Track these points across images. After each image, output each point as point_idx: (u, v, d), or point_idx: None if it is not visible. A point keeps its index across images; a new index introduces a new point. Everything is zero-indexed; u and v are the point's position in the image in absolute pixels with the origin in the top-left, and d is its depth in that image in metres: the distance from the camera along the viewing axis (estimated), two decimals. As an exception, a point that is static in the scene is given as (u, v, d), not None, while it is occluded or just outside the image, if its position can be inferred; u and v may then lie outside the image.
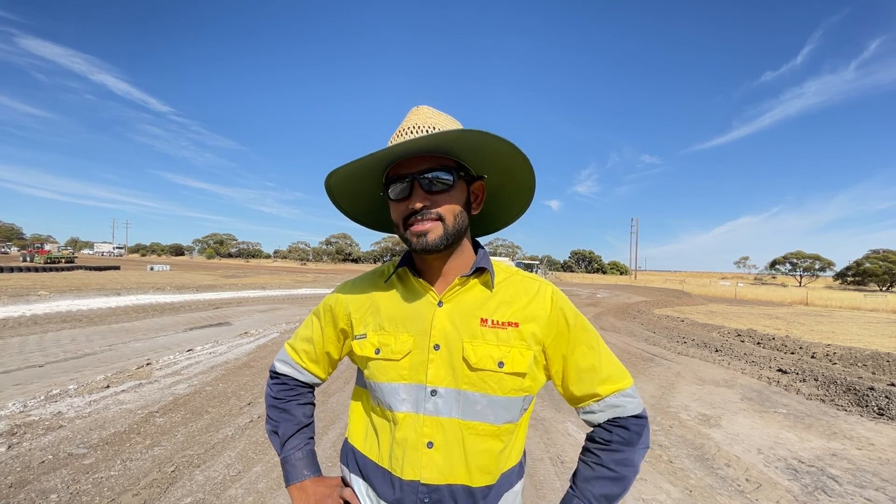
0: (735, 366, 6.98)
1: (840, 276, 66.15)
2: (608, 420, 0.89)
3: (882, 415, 4.61)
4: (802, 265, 73.41)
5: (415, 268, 0.94)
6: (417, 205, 0.83)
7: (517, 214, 1.02)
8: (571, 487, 0.90)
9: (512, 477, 0.91)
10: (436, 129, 0.85)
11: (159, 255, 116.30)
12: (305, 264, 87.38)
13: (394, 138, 0.88)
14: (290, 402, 1.04)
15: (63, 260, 39.03)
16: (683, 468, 3.23)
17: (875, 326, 13.74)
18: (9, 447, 3.11)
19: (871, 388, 5.22)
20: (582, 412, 0.92)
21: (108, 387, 4.57)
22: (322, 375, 1.06)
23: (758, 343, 9.39)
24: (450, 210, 0.85)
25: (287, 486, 0.99)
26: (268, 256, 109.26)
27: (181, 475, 2.85)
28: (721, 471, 3.21)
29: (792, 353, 8.15)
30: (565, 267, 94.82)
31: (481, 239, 1.05)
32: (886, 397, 4.92)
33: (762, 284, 62.67)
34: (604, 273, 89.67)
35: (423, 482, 0.83)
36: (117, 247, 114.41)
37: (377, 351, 0.89)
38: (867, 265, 61.12)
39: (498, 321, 0.86)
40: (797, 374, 6.30)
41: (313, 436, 1.06)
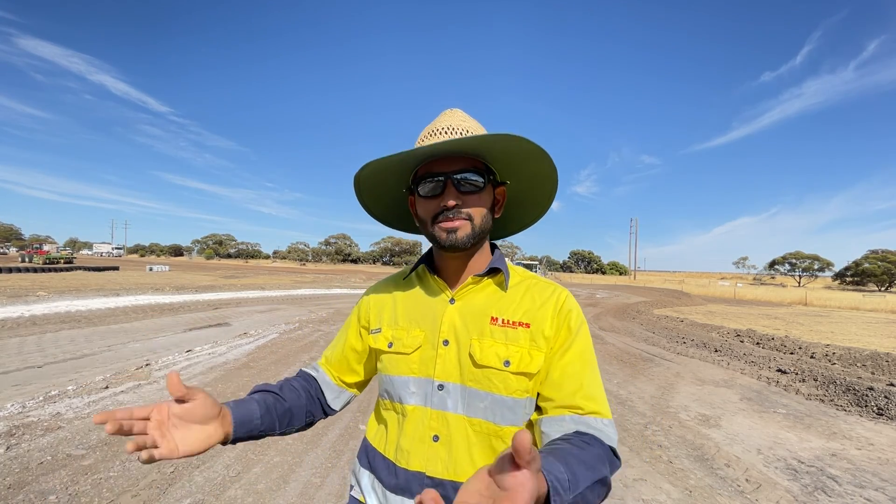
0: (734, 366, 6.99)
1: (839, 277, 66.30)
2: (581, 431, 0.75)
3: (881, 415, 4.62)
4: (801, 265, 73.63)
5: (433, 266, 0.96)
6: (451, 203, 0.85)
7: (532, 221, 1.05)
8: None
9: None
10: (468, 133, 0.88)
11: (158, 256, 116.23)
12: (305, 265, 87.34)
13: (426, 137, 0.91)
14: (287, 381, 0.97)
15: (62, 260, 38.93)
16: (683, 468, 3.24)
17: (874, 326, 13.76)
18: (7, 448, 3.10)
19: (871, 388, 5.22)
20: (548, 421, 0.80)
21: (107, 387, 4.56)
22: (348, 381, 1.02)
23: (757, 343, 9.40)
24: (478, 211, 0.87)
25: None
26: (267, 257, 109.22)
27: (180, 476, 2.84)
28: (721, 471, 3.21)
29: (791, 354, 8.16)
30: (565, 267, 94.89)
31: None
32: (886, 397, 4.92)
33: (761, 285, 62.80)
34: (603, 273, 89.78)
35: (429, 475, 0.84)
36: (116, 247, 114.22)
37: (390, 344, 0.92)
38: (866, 265, 61.27)
39: (508, 320, 0.87)
40: (796, 375, 6.30)
41: (266, 397, 0.88)
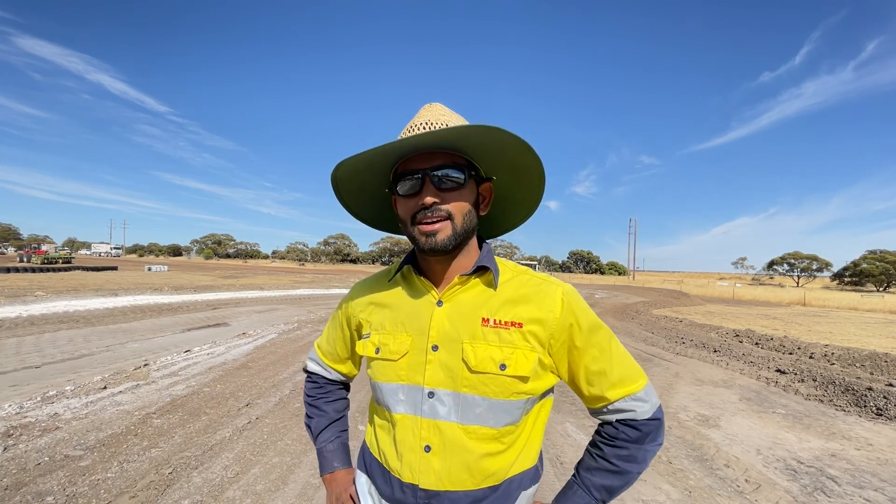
0: (733, 366, 6.99)
1: (837, 277, 66.38)
2: (618, 420, 0.86)
3: (880, 415, 4.62)
4: (800, 266, 73.67)
5: (419, 266, 0.91)
6: (428, 200, 0.80)
7: (524, 217, 1.00)
8: (574, 474, 0.89)
9: (526, 480, 0.89)
10: (447, 127, 0.82)
11: (157, 256, 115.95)
12: (304, 265, 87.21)
13: (404, 133, 0.85)
14: (321, 400, 1.08)
15: (60, 260, 38.88)
16: (683, 469, 3.23)
17: (872, 327, 13.77)
18: (4, 449, 3.09)
19: (870, 389, 5.23)
20: (593, 413, 0.90)
21: (106, 388, 4.55)
22: (347, 372, 1.10)
23: (756, 343, 9.40)
24: (459, 208, 0.83)
25: (321, 476, 1.03)
26: (266, 257, 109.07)
27: (179, 477, 2.83)
28: (720, 471, 3.21)
29: (790, 354, 8.16)
30: (564, 267, 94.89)
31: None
32: (884, 397, 4.93)
33: (760, 285, 62.86)
34: (602, 273, 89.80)
35: (422, 487, 0.81)
36: (115, 247, 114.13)
37: (377, 350, 0.89)
38: (864, 266, 61.33)
39: (500, 321, 0.83)
40: (795, 375, 6.31)
41: (346, 429, 1.09)
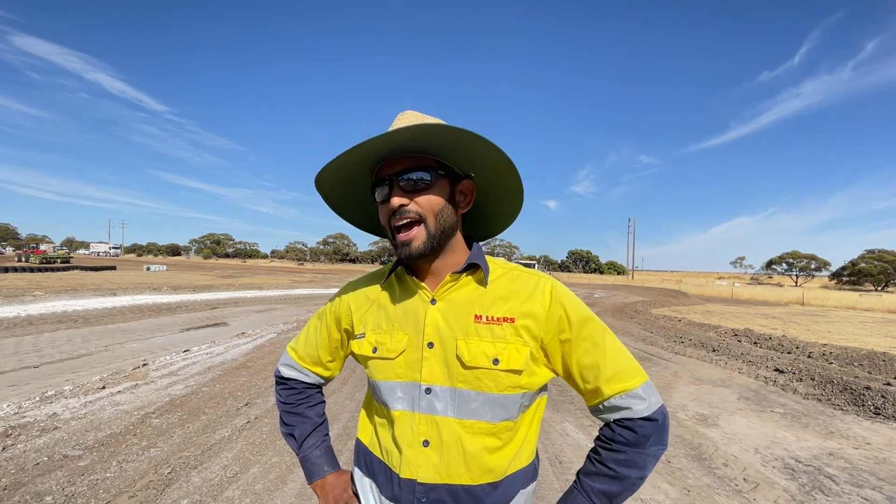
0: (732, 365, 7.00)
1: (836, 276, 66.56)
2: (615, 420, 0.86)
3: (878, 414, 4.63)
4: (798, 265, 73.83)
5: (409, 267, 0.94)
6: (395, 202, 0.83)
7: (511, 215, 1.00)
8: (575, 479, 0.90)
9: (524, 478, 0.90)
10: None
11: (156, 256, 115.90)
12: (303, 264, 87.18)
13: None
14: (301, 406, 1.07)
15: (59, 260, 38.81)
16: (681, 468, 3.24)
17: (871, 326, 13.81)
18: (3, 449, 3.09)
19: (868, 388, 5.24)
20: (592, 411, 0.90)
21: (104, 388, 4.54)
22: (325, 375, 1.08)
23: (754, 343, 9.42)
24: (429, 208, 0.84)
25: (310, 484, 1.02)
26: (265, 256, 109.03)
27: (178, 477, 2.83)
28: (719, 470, 3.22)
29: (788, 353, 8.18)
30: (563, 267, 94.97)
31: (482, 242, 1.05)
32: (882, 396, 4.94)
33: (759, 284, 62.95)
34: (601, 273, 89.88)
35: (420, 481, 0.83)
36: (113, 247, 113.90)
37: (374, 350, 0.90)
38: (862, 265, 61.49)
39: (492, 317, 0.85)
40: (794, 374, 6.32)
41: (328, 432, 1.09)
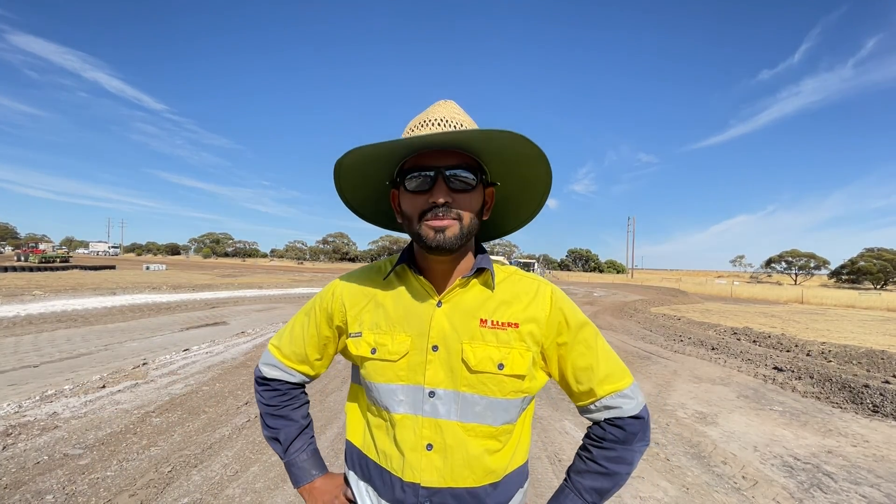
0: (731, 364, 7.02)
1: (835, 275, 66.63)
2: (605, 419, 0.88)
3: (877, 412, 4.65)
4: (798, 263, 73.90)
5: (415, 265, 0.89)
6: (441, 200, 0.78)
7: (520, 225, 0.99)
8: (566, 478, 0.91)
9: (521, 477, 0.91)
10: (462, 127, 0.82)
11: (155, 255, 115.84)
12: (302, 263, 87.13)
13: (416, 128, 0.83)
14: (286, 408, 1.00)
15: (58, 259, 38.80)
16: (680, 466, 3.25)
17: (869, 324, 13.84)
18: (3, 448, 3.09)
19: (866, 386, 5.26)
20: (581, 411, 0.92)
21: (104, 387, 4.55)
22: (312, 374, 1.01)
23: (754, 341, 9.44)
24: (468, 211, 0.82)
25: (297, 489, 0.97)
26: (264, 256, 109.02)
27: (178, 475, 2.84)
28: (718, 468, 3.23)
29: (787, 351, 8.20)
30: (562, 266, 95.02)
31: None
32: (881, 394, 4.96)
33: (758, 283, 63.08)
34: (601, 272, 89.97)
35: (424, 485, 0.82)
36: (113, 246, 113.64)
37: (373, 351, 0.87)
38: (862, 263, 61.57)
39: (498, 322, 0.85)
40: (793, 372, 6.34)
41: (314, 433, 1.04)
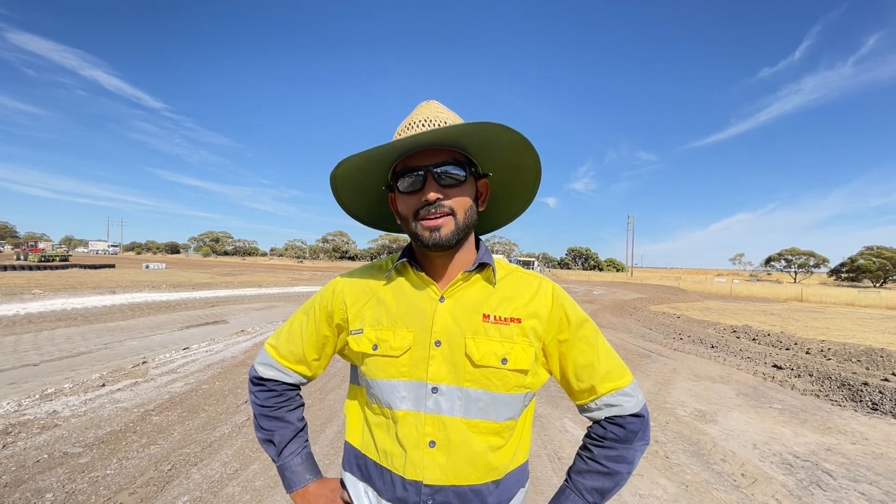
0: (731, 362, 7.03)
1: (834, 273, 66.73)
2: (606, 418, 0.88)
3: (876, 409, 4.66)
4: (797, 262, 73.91)
5: (416, 262, 0.90)
6: (431, 196, 0.80)
7: (517, 213, 1.00)
8: (566, 479, 0.91)
9: (522, 475, 0.91)
10: (447, 124, 0.82)
11: (155, 254, 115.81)
12: (302, 262, 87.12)
13: (403, 130, 0.86)
14: (281, 409, 0.98)
15: (57, 258, 38.74)
16: (680, 463, 3.25)
17: (869, 322, 13.87)
18: (3, 446, 3.09)
19: (865, 384, 5.27)
20: (581, 409, 0.92)
21: (104, 385, 4.55)
22: (309, 375, 1.00)
23: (753, 339, 9.45)
24: (461, 204, 0.83)
25: (289, 493, 0.96)
26: (264, 254, 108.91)
27: (178, 473, 2.84)
28: (717, 466, 3.24)
29: (787, 349, 8.21)
30: (562, 264, 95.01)
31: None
32: (880, 392, 4.96)
33: (757, 281, 63.08)
34: (600, 270, 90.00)
35: (426, 483, 0.81)
36: (112, 245, 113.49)
37: (375, 347, 0.86)
38: (861, 261, 61.65)
39: (500, 317, 0.85)
40: (792, 370, 6.35)
41: (308, 437, 1.02)
